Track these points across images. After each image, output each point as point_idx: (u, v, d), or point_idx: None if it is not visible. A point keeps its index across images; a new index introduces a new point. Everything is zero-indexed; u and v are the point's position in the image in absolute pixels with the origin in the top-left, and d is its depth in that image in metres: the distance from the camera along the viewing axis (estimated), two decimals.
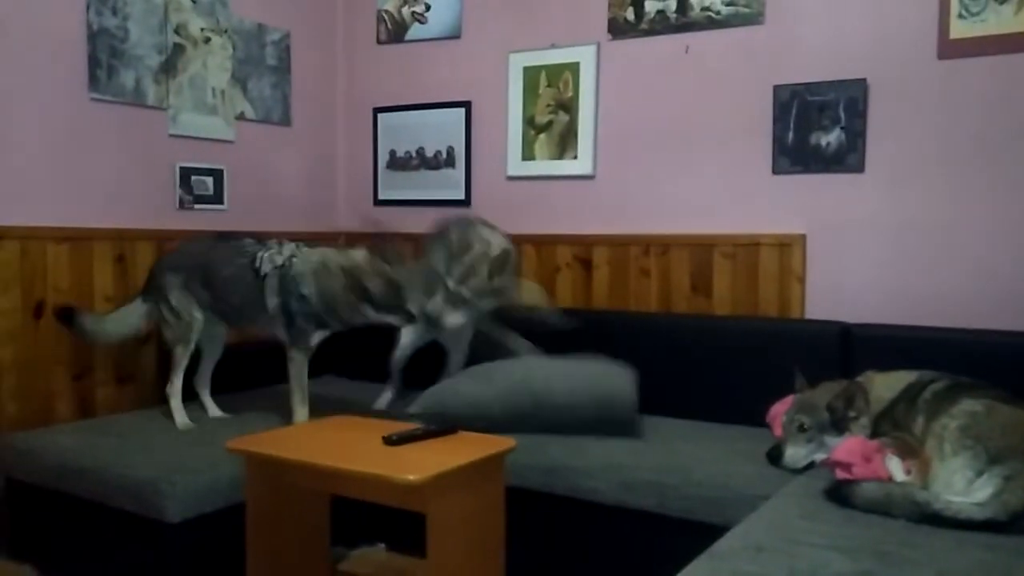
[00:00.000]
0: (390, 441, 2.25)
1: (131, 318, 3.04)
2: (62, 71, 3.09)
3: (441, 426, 2.39)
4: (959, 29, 2.85)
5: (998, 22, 2.80)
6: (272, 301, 2.91)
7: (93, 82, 3.16)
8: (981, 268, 2.87)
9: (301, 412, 2.94)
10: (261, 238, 3.03)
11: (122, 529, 2.52)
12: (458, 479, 2.10)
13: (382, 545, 3.02)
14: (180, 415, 2.95)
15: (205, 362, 3.15)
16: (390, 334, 3.28)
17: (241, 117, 3.71)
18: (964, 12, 2.85)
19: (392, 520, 2.54)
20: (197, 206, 3.54)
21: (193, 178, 3.53)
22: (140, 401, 3.26)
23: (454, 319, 3.02)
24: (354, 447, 2.28)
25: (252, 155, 3.77)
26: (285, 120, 3.92)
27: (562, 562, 2.68)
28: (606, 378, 2.90)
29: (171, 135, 3.44)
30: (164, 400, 2.99)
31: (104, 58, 3.18)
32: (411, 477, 1.99)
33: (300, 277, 2.89)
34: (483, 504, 2.22)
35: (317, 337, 2.97)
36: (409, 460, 2.13)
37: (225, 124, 3.65)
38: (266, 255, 2.94)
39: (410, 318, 2.92)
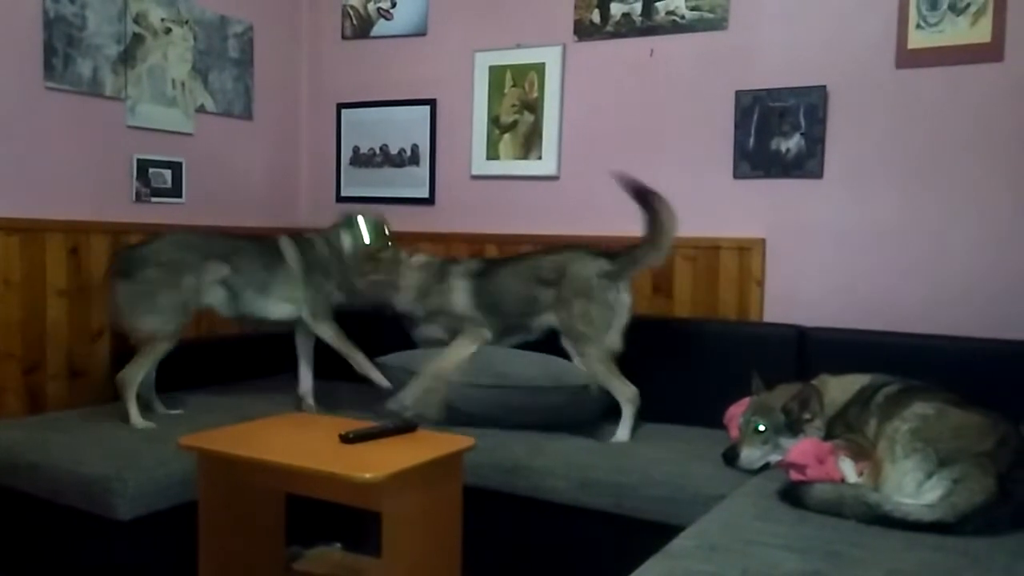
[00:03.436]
0: (346, 439, 2.22)
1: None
2: (17, 59, 3.02)
3: (400, 423, 2.38)
4: (917, 39, 2.91)
5: (954, 33, 2.85)
6: (290, 253, 3.14)
7: (48, 71, 3.09)
8: (934, 274, 2.92)
9: (376, 374, 3.08)
10: None
11: (72, 527, 2.47)
12: (415, 478, 2.09)
13: (338, 545, 2.99)
14: (135, 414, 2.81)
15: None
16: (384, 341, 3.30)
17: (201, 109, 3.66)
18: (922, 23, 2.90)
19: (349, 519, 2.52)
20: (154, 199, 3.48)
21: (151, 170, 3.47)
22: (92, 397, 3.19)
23: None
24: (310, 445, 2.26)
25: (212, 148, 3.72)
26: (247, 114, 3.87)
27: (519, 562, 2.68)
28: (567, 367, 2.91)
29: (129, 126, 3.37)
30: (117, 396, 2.89)
31: (60, 46, 3.11)
32: (367, 475, 1.98)
33: (313, 237, 3.24)
34: (440, 503, 2.21)
35: (336, 297, 3.20)
36: (365, 458, 2.11)
37: (185, 116, 3.59)
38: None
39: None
